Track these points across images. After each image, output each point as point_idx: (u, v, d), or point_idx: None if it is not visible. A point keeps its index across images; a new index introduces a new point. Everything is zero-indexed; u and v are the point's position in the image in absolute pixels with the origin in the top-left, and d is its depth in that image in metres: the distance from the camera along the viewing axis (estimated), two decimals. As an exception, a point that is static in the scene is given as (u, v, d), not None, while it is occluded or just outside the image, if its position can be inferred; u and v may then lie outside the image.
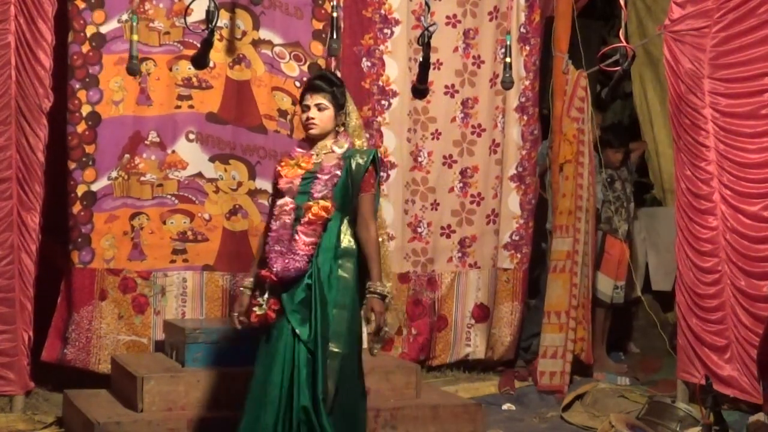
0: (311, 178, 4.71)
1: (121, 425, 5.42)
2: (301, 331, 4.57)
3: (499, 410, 6.78)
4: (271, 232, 4.70)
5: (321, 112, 4.74)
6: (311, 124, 4.74)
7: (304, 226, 4.64)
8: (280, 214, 4.70)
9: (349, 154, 4.75)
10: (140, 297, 6.60)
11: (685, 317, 6.38)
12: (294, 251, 4.62)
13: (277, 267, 4.61)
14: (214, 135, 6.78)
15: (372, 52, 7.22)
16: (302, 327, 4.57)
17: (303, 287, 4.62)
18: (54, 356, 6.47)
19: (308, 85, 4.83)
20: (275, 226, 4.69)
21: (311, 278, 4.62)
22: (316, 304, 4.59)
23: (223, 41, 6.75)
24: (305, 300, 4.61)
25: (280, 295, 4.62)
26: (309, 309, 4.60)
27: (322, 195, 4.66)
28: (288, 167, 4.76)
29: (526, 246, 7.59)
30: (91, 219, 6.48)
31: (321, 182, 4.68)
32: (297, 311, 4.60)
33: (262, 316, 4.61)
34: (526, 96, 7.52)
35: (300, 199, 4.69)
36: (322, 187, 4.67)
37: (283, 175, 4.75)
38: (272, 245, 4.66)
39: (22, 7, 6.01)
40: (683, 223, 6.37)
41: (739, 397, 6.10)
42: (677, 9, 6.31)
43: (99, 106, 6.48)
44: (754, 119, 6.00)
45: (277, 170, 4.83)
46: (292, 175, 4.74)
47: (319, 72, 5.23)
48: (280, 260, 4.62)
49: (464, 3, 7.36)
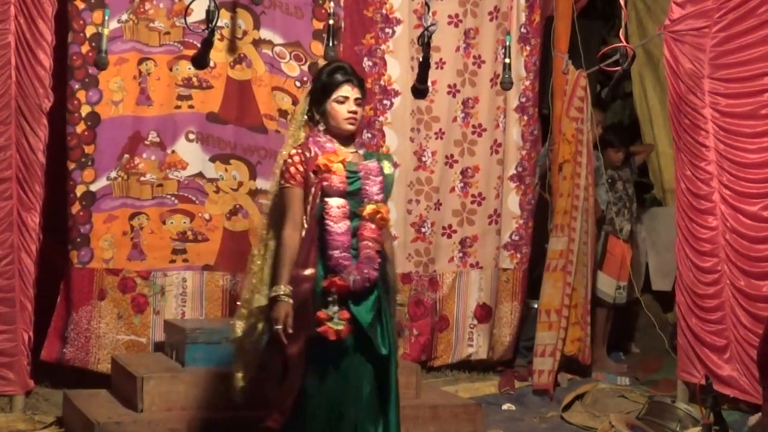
0: (355, 178, 4.42)
1: (121, 425, 5.41)
2: (377, 345, 4.34)
3: (499, 410, 6.77)
4: (333, 236, 4.35)
5: (359, 108, 4.49)
6: (353, 119, 4.46)
7: (372, 232, 4.38)
8: (341, 216, 4.37)
9: (371, 156, 4.58)
10: (140, 297, 6.60)
11: (685, 317, 6.38)
12: (371, 259, 4.34)
13: (354, 276, 4.30)
14: (215, 135, 6.77)
15: (373, 51, 7.22)
16: (377, 340, 4.33)
17: (375, 298, 4.37)
18: (53, 356, 6.47)
19: (346, 76, 4.49)
20: (339, 230, 4.35)
21: (378, 288, 4.39)
22: (386, 315, 4.40)
23: (224, 41, 6.74)
24: (377, 311, 4.37)
25: (348, 305, 4.31)
26: (380, 321, 4.38)
27: (380, 198, 4.44)
28: (334, 163, 4.40)
29: (525, 246, 7.59)
30: (90, 219, 6.46)
31: (376, 184, 4.44)
32: (372, 324, 4.34)
33: (340, 331, 4.26)
34: (526, 96, 7.51)
35: (349, 201, 4.39)
36: (378, 190, 4.44)
37: (333, 171, 4.38)
38: (342, 252, 4.32)
39: (22, 7, 6.01)
40: (683, 223, 6.37)
41: (739, 397, 6.10)
42: (677, 9, 6.32)
43: (98, 107, 6.47)
44: (753, 119, 6.01)
45: (309, 166, 4.40)
46: (341, 172, 4.40)
47: (340, 62, 4.69)
48: (356, 269, 4.31)
49: (465, 3, 7.35)
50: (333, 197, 4.36)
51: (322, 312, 4.26)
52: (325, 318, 4.26)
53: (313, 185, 4.39)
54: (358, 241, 4.38)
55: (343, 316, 4.26)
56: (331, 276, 4.31)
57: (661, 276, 8.68)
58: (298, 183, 4.42)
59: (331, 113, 4.49)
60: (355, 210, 4.41)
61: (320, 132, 4.52)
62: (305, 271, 4.34)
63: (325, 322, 4.25)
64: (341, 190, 4.37)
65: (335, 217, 4.34)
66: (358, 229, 4.39)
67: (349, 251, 4.33)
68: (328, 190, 4.37)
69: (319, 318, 4.27)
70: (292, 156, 4.45)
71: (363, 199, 4.41)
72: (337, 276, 4.30)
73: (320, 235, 4.38)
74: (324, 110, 4.50)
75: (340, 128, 4.49)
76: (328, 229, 4.34)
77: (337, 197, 4.36)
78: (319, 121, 4.53)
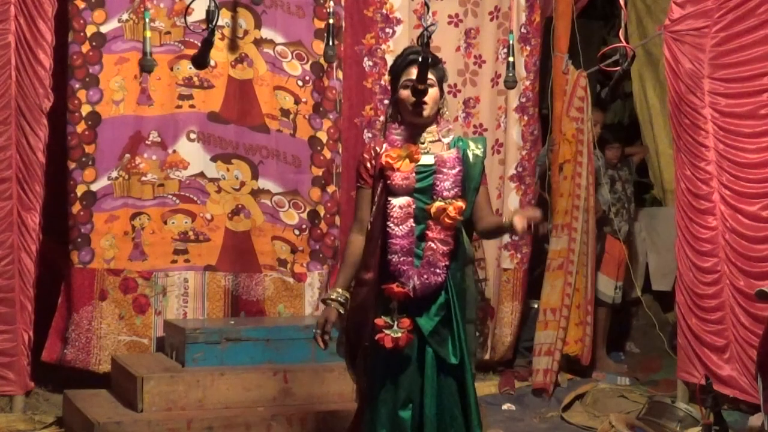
0: (427, 172, 4.10)
1: (121, 425, 5.42)
2: (444, 354, 4.05)
3: (499, 410, 6.78)
4: (394, 240, 4.05)
5: (430, 91, 4.08)
6: (424, 107, 4.10)
7: (439, 232, 4.05)
8: (404, 217, 4.06)
9: (457, 143, 4.21)
10: (141, 297, 6.59)
11: (685, 317, 6.38)
12: (433, 263, 4.04)
13: (415, 283, 4.02)
14: (216, 134, 6.77)
15: (374, 51, 7.22)
16: (444, 350, 4.05)
17: (441, 304, 4.08)
18: (54, 357, 6.46)
19: (413, 57, 4.11)
20: (400, 232, 4.04)
21: (448, 292, 4.09)
22: (458, 322, 4.08)
23: (225, 40, 6.74)
24: (444, 318, 4.07)
25: (409, 312, 4.05)
26: (449, 328, 4.08)
27: (453, 194, 4.07)
28: (398, 159, 4.08)
29: (526, 246, 7.59)
30: (91, 219, 6.46)
31: (449, 178, 4.08)
32: (436, 332, 4.06)
33: (398, 339, 4.00)
34: (527, 96, 7.51)
35: (418, 199, 4.09)
36: (451, 185, 4.07)
37: (396, 168, 4.06)
38: (402, 256, 4.03)
39: (22, 7, 6.02)
40: (683, 223, 6.37)
41: (739, 397, 6.10)
42: (677, 9, 6.32)
43: (99, 106, 6.47)
44: (753, 119, 6.00)
45: (377, 164, 4.13)
46: (406, 168, 4.07)
47: (413, 47, 4.30)
48: (417, 275, 4.03)
49: (465, 2, 7.36)
50: (398, 196, 4.07)
51: (380, 319, 4.03)
52: (383, 325, 4.03)
53: (380, 184, 4.13)
54: (425, 243, 4.10)
55: (404, 324, 4.01)
56: (390, 281, 4.06)
57: (661, 276, 8.68)
58: (366, 183, 4.19)
59: (399, 101, 4.18)
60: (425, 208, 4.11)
61: (395, 124, 4.21)
62: (365, 275, 4.13)
63: (382, 329, 4.03)
64: (406, 187, 4.07)
65: (397, 218, 4.05)
66: (425, 230, 4.10)
67: (411, 255, 4.05)
68: (392, 188, 4.08)
69: (377, 325, 4.04)
70: (363, 154, 4.23)
71: (433, 196, 4.10)
72: (397, 282, 4.05)
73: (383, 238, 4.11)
74: (396, 99, 4.20)
75: (409, 117, 4.15)
76: (388, 231, 4.06)
77: (403, 195, 4.07)
78: (396, 113, 4.21)
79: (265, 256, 6.85)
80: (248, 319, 6.70)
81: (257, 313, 6.81)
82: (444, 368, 4.11)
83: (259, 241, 6.84)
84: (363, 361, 4.21)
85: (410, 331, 4.03)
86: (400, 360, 4.08)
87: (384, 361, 4.09)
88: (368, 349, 4.12)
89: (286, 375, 5.91)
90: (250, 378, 5.86)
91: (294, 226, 6.91)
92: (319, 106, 6.96)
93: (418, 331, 4.08)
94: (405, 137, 4.15)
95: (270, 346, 6.10)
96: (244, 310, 6.80)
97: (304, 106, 6.94)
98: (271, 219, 6.86)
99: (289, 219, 6.91)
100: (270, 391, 5.86)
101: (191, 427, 5.48)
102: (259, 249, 6.84)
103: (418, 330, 4.08)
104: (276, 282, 6.87)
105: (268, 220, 6.86)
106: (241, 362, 6.00)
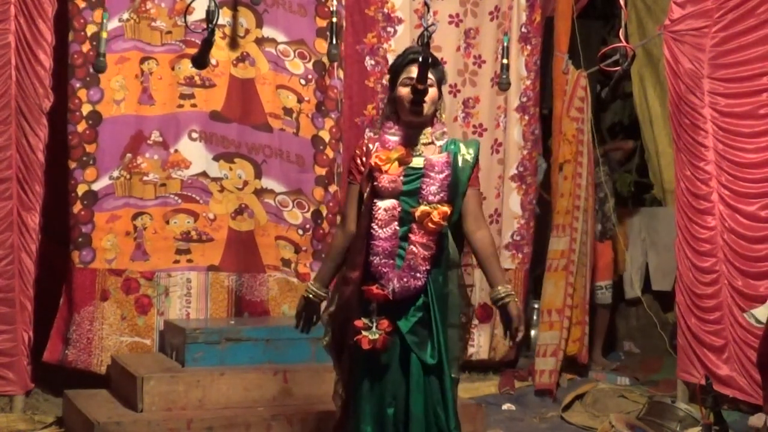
0: (416, 175, 4.08)
1: (121, 425, 5.42)
2: (423, 356, 4.06)
3: (499, 410, 6.78)
4: (377, 242, 4.05)
5: (429, 92, 4.06)
6: (422, 106, 4.06)
7: (422, 236, 4.05)
8: (388, 220, 4.05)
9: (450, 146, 4.18)
10: (143, 298, 6.59)
11: (685, 317, 6.39)
12: (413, 267, 4.04)
13: (394, 286, 4.02)
14: (219, 133, 6.76)
15: (375, 50, 7.22)
16: (422, 351, 4.06)
17: (419, 306, 4.08)
18: (55, 357, 6.45)
19: (412, 55, 4.09)
20: (383, 234, 4.04)
21: (427, 295, 4.08)
22: (437, 324, 4.07)
23: (226, 39, 6.74)
24: (423, 320, 4.07)
25: (389, 313, 4.05)
26: (428, 330, 4.08)
27: (438, 198, 4.06)
28: (387, 161, 4.06)
29: (527, 246, 7.59)
30: (92, 219, 6.46)
31: (435, 183, 4.06)
32: (414, 333, 4.06)
33: (375, 341, 4.01)
34: (527, 96, 7.51)
35: (405, 201, 4.09)
36: (437, 189, 4.06)
37: (383, 171, 4.06)
38: (383, 259, 4.04)
39: (22, 7, 6.03)
40: (683, 223, 6.37)
41: (738, 397, 6.10)
42: (677, 9, 6.32)
43: (100, 106, 6.47)
44: (752, 119, 6.00)
45: (367, 162, 4.13)
46: (394, 171, 4.07)
47: (414, 47, 4.27)
48: (397, 278, 4.03)
49: (465, 2, 7.36)
50: (384, 198, 4.07)
51: (359, 320, 4.04)
52: (361, 326, 4.04)
53: (368, 184, 4.14)
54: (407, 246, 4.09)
55: (382, 325, 4.02)
56: (371, 283, 4.07)
57: (661, 276, 8.67)
58: (355, 179, 4.21)
59: (397, 99, 4.16)
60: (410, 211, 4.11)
61: (390, 123, 4.19)
62: (351, 274, 4.15)
63: (361, 330, 4.04)
64: (393, 190, 4.07)
65: (381, 220, 4.04)
66: (408, 233, 4.09)
67: (393, 257, 4.06)
68: (378, 190, 4.08)
69: (356, 326, 4.05)
70: (355, 150, 4.25)
71: (419, 200, 4.09)
72: (377, 284, 4.06)
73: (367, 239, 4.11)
74: (393, 97, 4.18)
75: (406, 115, 4.13)
76: (371, 233, 4.06)
77: (389, 198, 4.07)
78: (393, 110, 4.19)
79: (269, 256, 6.86)
80: (248, 319, 6.70)
81: (261, 313, 6.80)
82: (426, 369, 4.12)
83: (262, 241, 6.84)
84: (348, 359, 4.24)
85: (391, 333, 4.05)
86: (382, 360, 4.10)
87: (366, 361, 4.11)
88: (352, 347, 4.14)
89: (287, 375, 5.91)
90: (250, 378, 5.86)
91: (298, 226, 6.91)
92: (321, 105, 6.96)
93: (401, 332, 4.11)
94: (399, 138, 4.15)
95: (270, 346, 6.11)
96: (247, 311, 6.79)
97: (307, 105, 6.94)
98: (274, 219, 6.86)
99: (292, 219, 6.91)
100: (270, 391, 5.87)
101: (191, 427, 5.48)
102: (262, 249, 6.84)
103: (400, 331, 4.11)
104: (280, 282, 6.87)
105: (272, 219, 6.85)
106: (241, 362, 6.01)
